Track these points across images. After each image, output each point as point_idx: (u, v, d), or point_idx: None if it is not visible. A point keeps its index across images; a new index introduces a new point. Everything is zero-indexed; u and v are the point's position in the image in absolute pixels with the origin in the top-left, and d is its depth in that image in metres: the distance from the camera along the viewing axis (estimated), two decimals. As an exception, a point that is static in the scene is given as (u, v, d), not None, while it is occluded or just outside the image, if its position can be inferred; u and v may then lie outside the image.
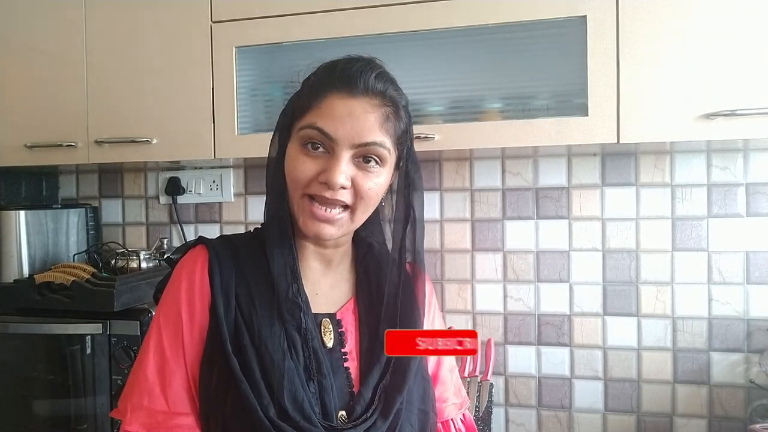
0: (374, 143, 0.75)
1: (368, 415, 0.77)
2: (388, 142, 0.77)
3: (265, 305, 0.77)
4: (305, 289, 0.81)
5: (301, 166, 0.76)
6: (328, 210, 0.76)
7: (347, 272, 0.88)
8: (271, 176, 0.83)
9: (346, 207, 0.77)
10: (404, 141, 0.81)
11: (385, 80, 0.78)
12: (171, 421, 0.76)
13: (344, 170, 0.74)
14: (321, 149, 0.76)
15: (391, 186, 0.84)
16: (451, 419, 0.90)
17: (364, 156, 0.76)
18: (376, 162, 0.77)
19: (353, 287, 0.87)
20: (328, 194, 0.74)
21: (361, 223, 0.81)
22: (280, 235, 0.80)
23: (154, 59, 1.44)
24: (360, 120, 0.74)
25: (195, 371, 0.78)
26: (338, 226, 0.77)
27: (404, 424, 0.78)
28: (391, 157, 0.79)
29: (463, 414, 0.93)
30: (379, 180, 0.78)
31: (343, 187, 0.75)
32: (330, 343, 0.80)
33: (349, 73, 0.76)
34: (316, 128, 0.75)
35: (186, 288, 0.79)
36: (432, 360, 0.89)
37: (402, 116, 0.80)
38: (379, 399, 0.78)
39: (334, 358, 0.79)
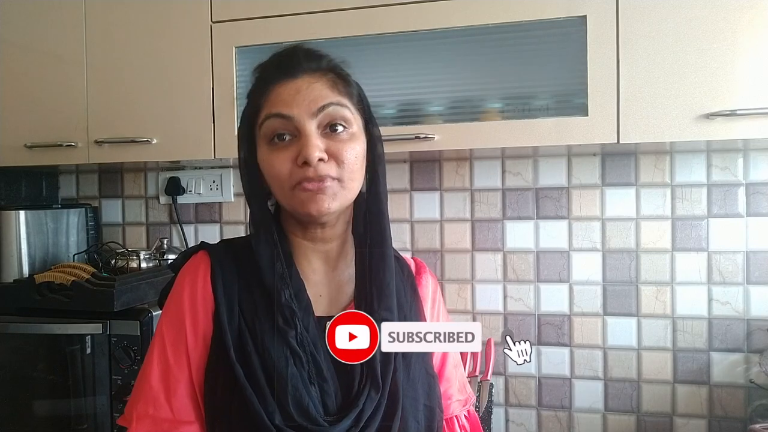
0: (331, 104, 0.76)
1: (361, 386, 0.76)
2: (346, 102, 0.77)
3: (267, 311, 0.77)
4: (308, 291, 0.80)
5: (277, 161, 0.76)
6: (317, 182, 0.75)
7: (351, 271, 0.86)
8: (248, 189, 0.83)
9: (332, 179, 0.76)
10: (363, 105, 0.81)
11: (316, 56, 0.80)
12: (176, 430, 0.76)
13: (316, 143, 0.74)
14: (287, 137, 0.76)
15: None
16: (456, 416, 0.90)
17: (330, 124, 0.76)
18: (343, 126, 0.77)
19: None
20: (311, 173, 0.74)
21: (355, 193, 0.80)
22: (267, 243, 0.79)
23: (154, 59, 1.44)
24: (309, 91, 0.76)
25: (200, 378, 0.77)
26: (331, 195, 0.76)
27: (410, 420, 0.77)
28: (355, 119, 0.79)
29: (468, 410, 0.92)
30: (354, 145, 0.77)
31: (321, 159, 0.74)
32: None
33: (282, 63, 0.78)
34: (272, 115, 0.76)
35: (189, 295, 0.79)
36: (436, 356, 0.88)
37: (350, 81, 0.81)
38: (364, 368, 0.77)
39: (337, 361, 0.78)
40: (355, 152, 0.77)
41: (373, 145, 0.82)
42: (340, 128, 0.76)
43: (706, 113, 1.17)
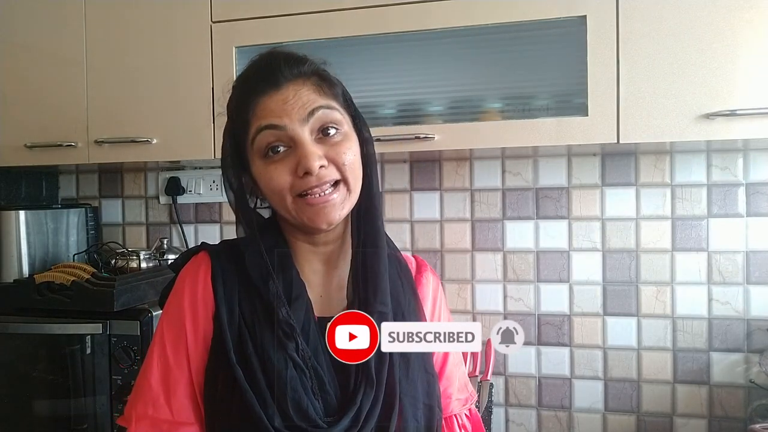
0: (320, 107, 0.75)
1: (357, 384, 0.76)
2: (333, 104, 0.77)
3: (267, 315, 0.76)
4: (309, 293, 0.80)
5: (275, 174, 0.75)
6: (321, 193, 0.75)
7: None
8: (236, 207, 0.81)
9: (336, 183, 0.76)
10: (349, 104, 0.81)
11: (297, 60, 0.78)
12: (176, 431, 0.76)
13: (313, 151, 0.73)
14: (281, 148, 0.75)
15: None
16: (455, 414, 0.89)
17: (322, 129, 0.76)
18: (336, 128, 0.76)
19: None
20: (313, 182, 0.74)
21: (359, 192, 0.80)
22: (258, 264, 0.78)
23: (154, 59, 1.44)
24: (296, 99, 0.75)
25: (200, 379, 0.77)
26: (340, 204, 0.76)
27: (409, 419, 0.77)
28: (345, 120, 0.78)
29: (469, 409, 0.92)
30: (349, 145, 0.77)
31: (322, 166, 0.74)
32: None
33: (263, 76, 0.77)
34: (264, 128, 0.74)
35: (189, 296, 0.79)
36: (438, 355, 0.88)
37: (330, 79, 0.80)
38: (359, 366, 0.76)
39: (337, 362, 0.78)
40: (352, 152, 0.77)
41: (363, 142, 0.81)
42: (332, 131, 0.76)
43: (706, 113, 1.17)
